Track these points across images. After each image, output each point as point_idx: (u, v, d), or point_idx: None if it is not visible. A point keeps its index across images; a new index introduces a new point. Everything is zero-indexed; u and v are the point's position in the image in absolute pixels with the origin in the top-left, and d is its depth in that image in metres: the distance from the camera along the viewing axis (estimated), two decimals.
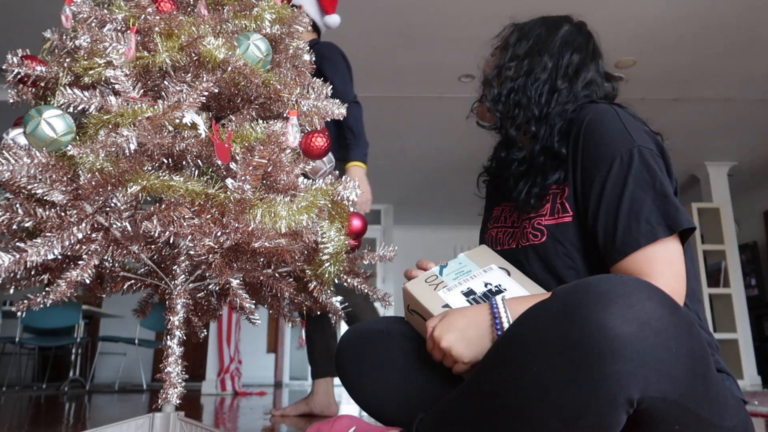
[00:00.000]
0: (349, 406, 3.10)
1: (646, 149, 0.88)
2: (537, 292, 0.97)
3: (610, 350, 0.63)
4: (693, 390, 0.68)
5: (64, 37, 1.09)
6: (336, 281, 1.16)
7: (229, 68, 1.01)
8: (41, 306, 1.00)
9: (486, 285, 0.99)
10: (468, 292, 0.98)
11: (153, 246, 1.07)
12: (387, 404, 1.08)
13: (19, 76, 1.04)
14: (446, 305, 0.97)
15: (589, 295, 0.67)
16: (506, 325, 0.84)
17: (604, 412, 0.65)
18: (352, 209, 1.14)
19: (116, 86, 0.94)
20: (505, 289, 0.98)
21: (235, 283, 1.04)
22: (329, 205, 1.08)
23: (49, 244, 0.91)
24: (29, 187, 0.90)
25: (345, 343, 1.16)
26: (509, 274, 1.01)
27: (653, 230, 0.84)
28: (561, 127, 0.98)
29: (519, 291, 0.97)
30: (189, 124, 0.95)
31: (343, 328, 2.55)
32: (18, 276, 1.07)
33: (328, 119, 1.13)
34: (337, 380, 1.23)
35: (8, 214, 0.94)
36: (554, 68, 1.02)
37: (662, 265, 0.83)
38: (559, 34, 1.04)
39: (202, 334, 1.33)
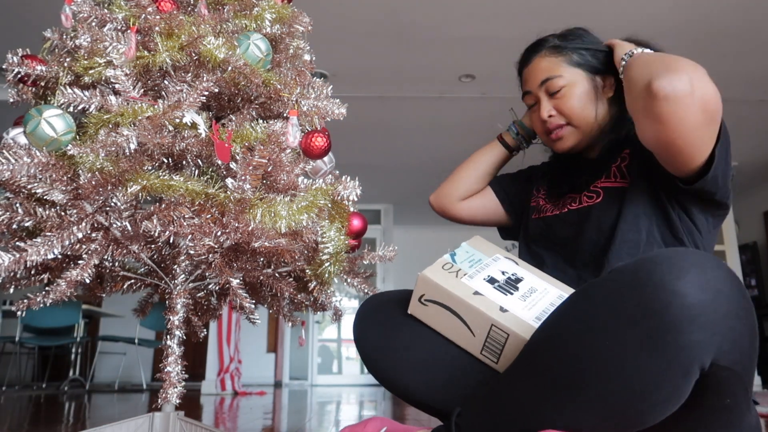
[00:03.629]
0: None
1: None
2: (548, 280, 0.98)
3: (688, 318, 0.61)
4: (751, 364, 0.67)
5: (65, 36, 1.09)
6: None
7: (230, 68, 1.01)
8: (41, 305, 1.00)
9: (503, 273, 0.98)
10: (491, 280, 0.96)
11: (153, 246, 1.07)
12: (409, 382, 1.00)
13: (19, 76, 1.04)
14: (476, 292, 0.92)
15: (660, 264, 0.65)
16: None
17: (678, 384, 0.64)
18: (352, 209, 1.14)
19: (116, 86, 0.94)
20: (522, 278, 0.97)
21: (235, 282, 1.04)
22: (329, 205, 1.08)
23: (49, 243, 0.91)
24: (29, 186, 0.90)
25: (364, 312, 1.08)
26: (516, 263, 1.02)
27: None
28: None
29: (534, 279, 0.97)
30: (189, 124, 0.95)
31: None
32: (18, 275, 1.07)
33: (329, 119, 1.13)
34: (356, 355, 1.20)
35: (8, 213, 0.94)
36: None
37: None
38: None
39: (202, 334, 1.33)
